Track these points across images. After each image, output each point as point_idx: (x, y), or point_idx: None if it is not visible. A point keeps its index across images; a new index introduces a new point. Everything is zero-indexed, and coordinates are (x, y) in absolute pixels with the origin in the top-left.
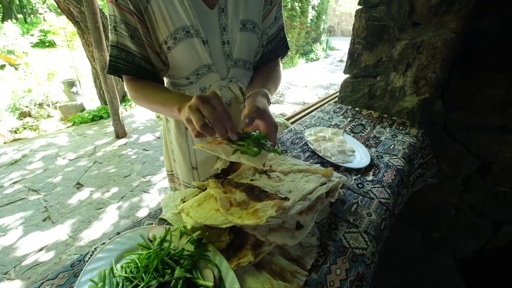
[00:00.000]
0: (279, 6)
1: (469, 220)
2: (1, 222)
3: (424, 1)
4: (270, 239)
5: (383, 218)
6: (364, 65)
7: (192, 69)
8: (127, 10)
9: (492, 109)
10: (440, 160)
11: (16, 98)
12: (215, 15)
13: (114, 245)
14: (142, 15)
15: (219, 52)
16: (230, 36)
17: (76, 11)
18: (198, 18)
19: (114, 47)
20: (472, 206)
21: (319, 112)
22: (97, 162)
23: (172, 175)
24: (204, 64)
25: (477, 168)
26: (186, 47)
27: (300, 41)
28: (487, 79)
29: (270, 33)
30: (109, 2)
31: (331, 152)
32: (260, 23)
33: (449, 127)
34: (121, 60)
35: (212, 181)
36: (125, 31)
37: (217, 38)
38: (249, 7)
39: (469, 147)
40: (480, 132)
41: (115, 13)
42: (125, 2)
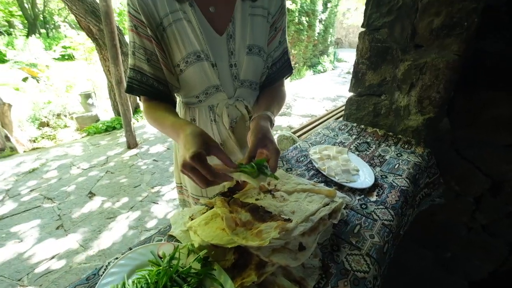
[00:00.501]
0: (283, 32)
1: (482, 240)
2: (17, 228)
3: (426, 25)
4: (273, 260)
5: (386, 241)
6: (368, 84)
7: (202, 89)
8: (145, 37)
9: (499, 128)
10: (449, 178)
11: (37, 109)
12: (224, 41)
13: (126, 260)
14: (159, 41)
15: (227, 74)
16: (237, 59)
17: (95, 29)
18: (208, 43)
19: (131, 69)
20: (484, 225)
21: (324, 129)
22: (108, 172)
23: (181, 187)
24: (213, 84)
25: (489, 187)
26: (197, 69)
27: (307, 53)
28: (492, 98)
29: (275, 56)
30: (129, 30)
31: (335, 171)
32: (266, 47)
33: (457, 145)
34: (136, 81)
35: (219, 199)
36: (142, 56)
37: (225, 62)
38: (255, 33)
39: (478, 165)
40: (488, 151)
41: (134, 39)
42: (144, 30)
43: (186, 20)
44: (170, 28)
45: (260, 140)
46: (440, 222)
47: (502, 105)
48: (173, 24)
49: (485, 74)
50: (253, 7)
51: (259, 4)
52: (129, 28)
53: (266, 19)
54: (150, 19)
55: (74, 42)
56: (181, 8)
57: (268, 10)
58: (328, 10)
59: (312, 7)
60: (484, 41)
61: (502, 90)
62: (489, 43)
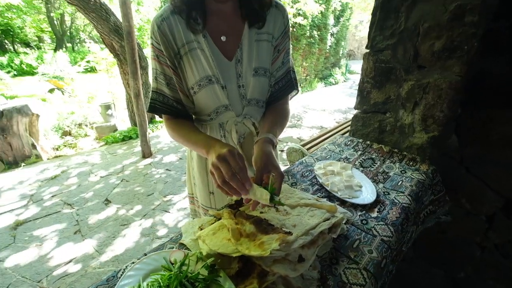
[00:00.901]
0: (286, 53)
1: (496, 261)
2: (39, 232)
3: (428, 47)
4: (274, 270)
5: (384, 256)
6: (373, 102)
7: (213, 109)
8: (165, 65)
9: (508, 146)
10: (459, 196)
11: (61, 119)
12: (233, 65)
13: (141, 265)
14: (176, 68)
15: (235, 94)
16: (244, 81)
17: (118, 45)
18: (218, 68)
19: (154, 92)
20: (497, 245)
21: (330, 145)
22: (124, 180)
23: (193, 197)
24: (222, 104)
25: (501, 206)
26: (208, 92)
27: (318, 66)
28: (499, 116)
29: (277, 75)
30: (152, 59)
31: (338, 187)
32: (270, 67)
33: (466, 162)
34: (159, 102)
35: (226, 211)
36: (163, 80)
37: (233, 83)
38: (261, 57)
39: (489, 183)
40: (498, 169)
41: (156, 67)
42: (164, 59)
43: (199, 49)
44: (186, 56)
45: (265, 166)
46: (451, 241)
47: (509, 123)
48: (189, 53)
49: (491, 92)
50: (259, 33)
51: (264, 31)
52: (152, 57)
53: (271, 42)
54: (169, 50)
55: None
56: (196, 39)
57: (272, 34)
58: (340, 24)
59: (324, 21)
60: (488, 61)
61: (508, 108)
62: (492, 64)
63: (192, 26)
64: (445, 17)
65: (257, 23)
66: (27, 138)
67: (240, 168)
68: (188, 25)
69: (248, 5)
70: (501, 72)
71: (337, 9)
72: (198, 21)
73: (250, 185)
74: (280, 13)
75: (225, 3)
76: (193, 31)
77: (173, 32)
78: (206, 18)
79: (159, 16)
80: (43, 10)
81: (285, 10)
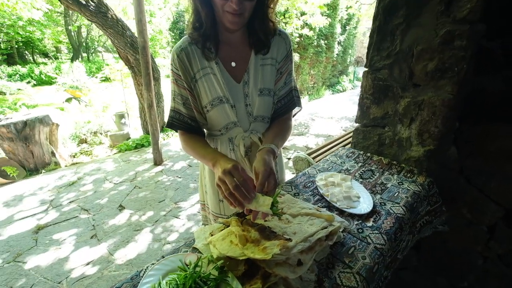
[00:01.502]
0: (288, 74)
1: (499, 271)
2: (58, 236)
3: (421, 68)
4: (275, 272)
5: (376, 262)
6: (372, 117)
7: (223, 125)
8: (182, 87)
9: (504, 159)
10: (460, 206)
11: (78, 127)
12: (241, 87)
13: (160, 266)
14: (192, 90)
15: (243, 112)
16: (251, 100)
17: (132, 58)
18: (228, 90)
19: (172, 110)
20: (500, 255)
21: (332, 156)
22: (137, 187)
23: (204, 204)
24: (232, 121)
25: (502, 216)
26: (219, 110)
27: (326, 74)
28: (496, 130)
29: (280, 94)
30: (171, 82)
31: (337, 198)
32: (273, 87)
33: (466, 173)
34: (176, 120)
35: (234, 219)
36: (180, 100)
37: (241, 103)
38: (265, 79)
39: (489, 194)
40: (497, 180)
41: (175, 89)
42: (181, 82)
43: (212, 74)
44: (201, 80)
45: (265, 172)
46: (453, 250)
47: (506, 137)
48: (203, 77)
49: (488, 108)
50: (263, 58)
51: (269, 56)
52: (171, 80)
53: (274, 66)
54: (186, 74)
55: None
56: (209, 65)
57: (276, 59)
58: (347, 32)
59: (331, 30)
60: (484, 79)
61: (504, 122)
62: (488, 81)
63: (206, 54)
64: (436, 41)
65: (262, 50)
66: (47, 146)
67: (244, 180)
68: (203, 54)
69: (255, 35)
70: (496, 89)
71: (343, 18)
72: (212, 50)
73: (253, 194)
74: (283, 40)
75: (235, 33)
76: (207, 58)
77: (190, 60)
78: (218, 48)
79: (178, 47)
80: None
81: (287, 36)
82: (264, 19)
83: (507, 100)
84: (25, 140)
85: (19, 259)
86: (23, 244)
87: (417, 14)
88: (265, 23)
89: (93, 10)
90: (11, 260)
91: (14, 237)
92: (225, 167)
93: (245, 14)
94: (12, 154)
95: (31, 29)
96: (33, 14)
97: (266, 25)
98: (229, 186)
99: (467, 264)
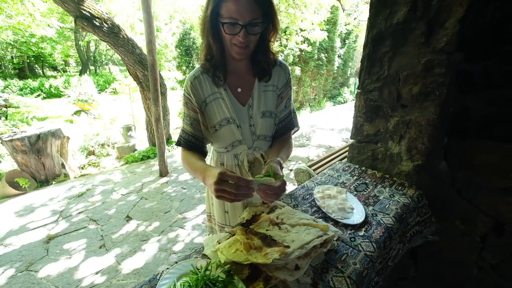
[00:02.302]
0: (288, 99)
1: (492, 280)
2: (68, 246)
3: (407, 91)
4: (275, 275)
5: (366, 268)
6: (366, 134)
7: (229, 143)
8: (192, 109)
9: (492, 173)
10: (453, 217)
11: (87, 140)
12: (246, 110)
13: (174, 270)
14: (203, 112)
15: (247, 132)
16: (254, 121)
17: (141, 74)
18: (235, 112)
19: (181, 130)
20: (493, 265)
21: (330, 170)
22: (143, 198)
23: (210, 216)
24: (237, 139)
25: (492, 226)
26: (227, 130)
27: (327, 86)
28: (481, 146)
29: (281, 116)
30: (183, 105)
31: (332, 209)
32: (275, 110)
33: (457, 186)
34: (183, 139)
35: (239, 229)
36: (188, 121)
37: (246, 123)
38: (267, 103)
39: (478, 206)
40: (485, 193)
41: (185, 111)
42: (192, 105)
43: (221, 98)
44: (210, 103)
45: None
46: (450, 260)
47: (491, 152)
48: (213, 101)
49: (472, 125)
50: (266, 85)
51: (270, 83)
52: (183, 103)
53: (275, 92)
54: (198, 99)
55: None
56: (218, 91)
57: (277, 86)
58: (346, 46)
59: (331, 44)
60: (468, 99)
61: (488, 139)
62: (472, 101)
63: (216, 82)
64: (419, 68)
65: (264, 77)
66: (58, 159)
67: (238, 178)
68: (213, 81)
69: (258, 65)
70: (479, 108)
71: (343, 32)
72: (221, 78)
73: (251, 183)
74: (283, 70)
75: (241, 63)
76: (217, 85)
77: (202, 86)
78: (226, 76)
79: (192, 75)
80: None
81: (286, 67)
82: (266, 51)
83: (488, 118)
84: (37, 152)
85: (31, 268)
86: (35, 254)
87: (402, 43)
88: (267, 55)
89: (106, 31)
90: (24, 269)
91: (26, 246)
92: (214, 179)
93: (250, 46)
94: (25, 166)
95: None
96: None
97: (268, 56)
98: (231, 192)
99: (463, 274)
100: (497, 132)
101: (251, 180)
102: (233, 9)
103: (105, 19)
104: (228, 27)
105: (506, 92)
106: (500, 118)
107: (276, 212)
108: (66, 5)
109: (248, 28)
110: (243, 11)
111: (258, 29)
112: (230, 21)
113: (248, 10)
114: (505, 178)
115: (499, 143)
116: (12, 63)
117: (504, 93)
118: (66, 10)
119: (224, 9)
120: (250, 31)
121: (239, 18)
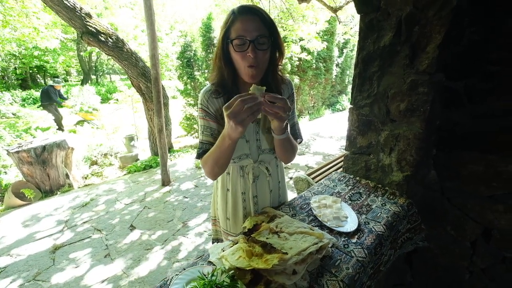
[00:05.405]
0: (292, 112)
1: (483, 285)
2: (74, 255)
3: (395, 107)
4: (275, 279)
5: (358, 272)
6: (359, 146)
7: (237, 155)
8: (211, 120)
9: (478, 182)
10: (445, 224)
11: (90, 150)
12: (253, 126)
13: (183, 276)
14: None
15: (254, 146)
16: (260, 136)
17: (144, 86)
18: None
19: (201, 143)
20: (484, 270)
21: (326, 180)
22: (146, 207)
23: (215, 219)
24: (245, 153)
25: (481, 232)
26: (237, 144)
27: (326, 94)
28: (467, 156)
29: None
30: (200, 118)
31: (328, 218)
32: None
33: (447, 194)
34: (202, 150)
35: (242, 237)
36: (208, 132)
37: (253, 138)
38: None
39: (467, 213)
40: (473, 200)
41: (204, 123)
42: (210, 116)
43: None
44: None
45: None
46: (443, 266)
47: (476, 162)
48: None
49: (458, 137)
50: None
51: None
52: (200, 117)
53: None
54: (215, 110)
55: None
56: None
57: None
58: (344, 55)
59: (329, 53)
60: (454, 113)
61: (474, 150)
62: (458, 115)
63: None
64: (405, 87)
65: None
66: (62, 169)
67: (237, 96)
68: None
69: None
70: (463, 122)
71: (340, 42)
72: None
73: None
74: (286, 85)
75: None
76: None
77: (217, 99)
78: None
79: (207, 90)
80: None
81: (290, 82)
82: (275, 74)
83: (473, 131)
84: (43, 163)
85: (38, 278)
86: (42, 264)
87: (389, 64)
88: (275, 77)
89: (111, 45)
90: (31, 279)
91: (33, 256)
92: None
93: (260, 66)
94: (30, 177)
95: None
96: (51, 43)
97: (276, 78)
98: (242, 107)
99: (456, 279)
100: (481, 144)
101: (249, 92)
102: (240, 28)
103: (110, 34)
104: (237, 44)
105: (486, 108)
106: (483, 130)
107: (276, 221)
108: (73, 22)
109: (255, 44)
110: (250, 28)
111: (265, 46)
112: (238, 38)
113: (254, 27)
114: (489, 186)
115: (483, 154)
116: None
117: (484, 108)
118: (73, 26)
119: (233, 31)
120: (258, 46)
121: (247, 35)
